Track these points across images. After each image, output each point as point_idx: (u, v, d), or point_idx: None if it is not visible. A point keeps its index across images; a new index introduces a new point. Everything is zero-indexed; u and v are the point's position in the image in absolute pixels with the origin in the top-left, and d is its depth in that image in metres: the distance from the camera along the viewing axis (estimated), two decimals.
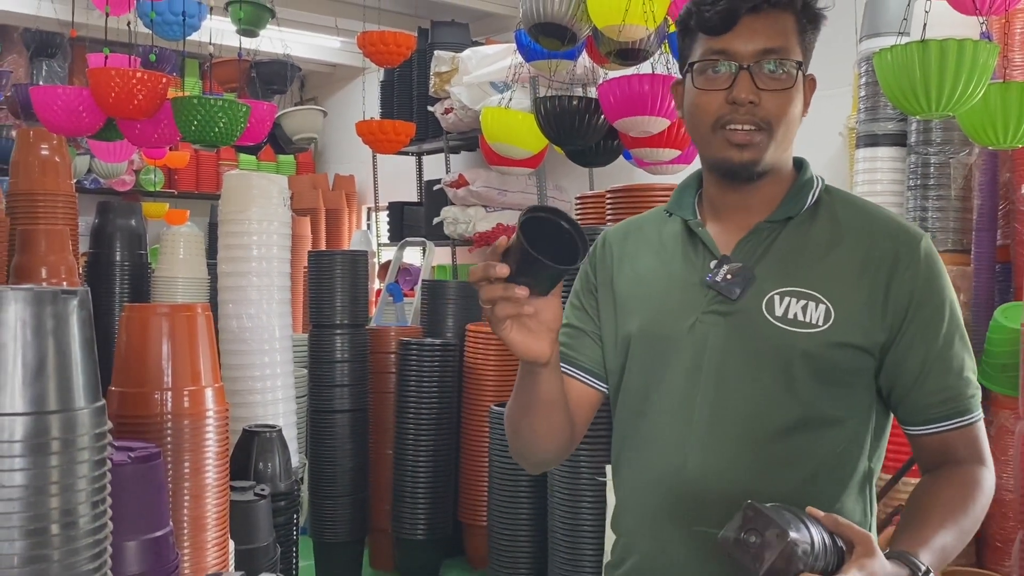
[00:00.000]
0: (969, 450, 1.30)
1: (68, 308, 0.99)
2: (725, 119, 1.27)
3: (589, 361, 1.42)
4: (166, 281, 4.46)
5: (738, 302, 1.29)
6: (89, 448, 1.00)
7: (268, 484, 2.95)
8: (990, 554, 3.64)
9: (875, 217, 1.34)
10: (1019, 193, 3.61)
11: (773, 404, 1.27)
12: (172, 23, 3.80)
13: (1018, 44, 3.73)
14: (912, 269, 1.28)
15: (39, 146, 3.67)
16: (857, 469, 1.32)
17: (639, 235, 1.44)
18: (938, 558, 1.17)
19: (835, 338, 1.26)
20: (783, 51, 1.27)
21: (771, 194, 1.34)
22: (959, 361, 1.30)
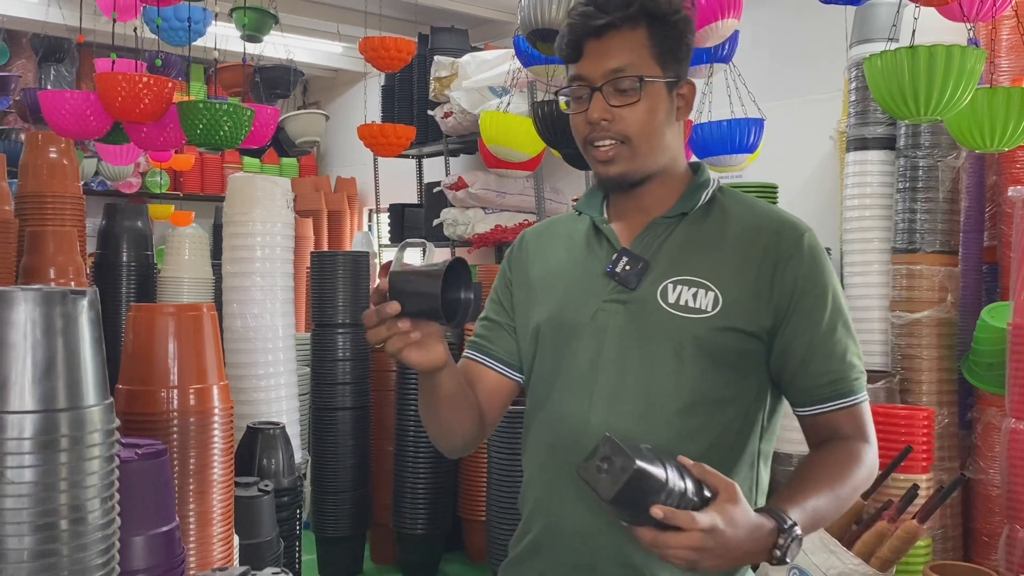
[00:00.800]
0: (853, 428, 1.37)
1: (77, 308, 0.99)
2: (589, 137, 1.37)
3: (503, 352, 1.48)
4: (172, 281, 4.46)
5: (635, 291, 1.37)
6: (98, 445, 0.99)
7: (272, 480, 2.95)
8: (978, 548, 3.65)
9: (763, 213, 1.42)
10: (1005, 196, 3.62)
11: (668, 385, 1.34)
12: (178, 29, 3.80)
13: (1005, 50, 3.74)
14: (796, 260, 1.35)
15: (47, 149, 3.66)
16: (747, 448, 1.38)
17: (552, 232, 1.53)
18: (808, 517, 1.22)
19: (722, 323, 1.33)
20: (629, 68, 1.34)
21: (664, 194, 1.43)
22: (842, 346, 1.36)
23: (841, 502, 1.31)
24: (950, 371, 3.68)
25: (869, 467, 1.35)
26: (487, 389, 1.47)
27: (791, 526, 1.17)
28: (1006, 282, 3.63)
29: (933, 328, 3.64)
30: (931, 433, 3.36)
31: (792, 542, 1.17)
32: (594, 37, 1.35)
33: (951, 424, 3.67)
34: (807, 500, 1.24)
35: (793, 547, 1.17)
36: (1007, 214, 3.65)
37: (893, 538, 2.94)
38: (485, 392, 1.46)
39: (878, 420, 3.34)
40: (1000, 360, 3.35)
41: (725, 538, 1.12)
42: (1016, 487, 3.17)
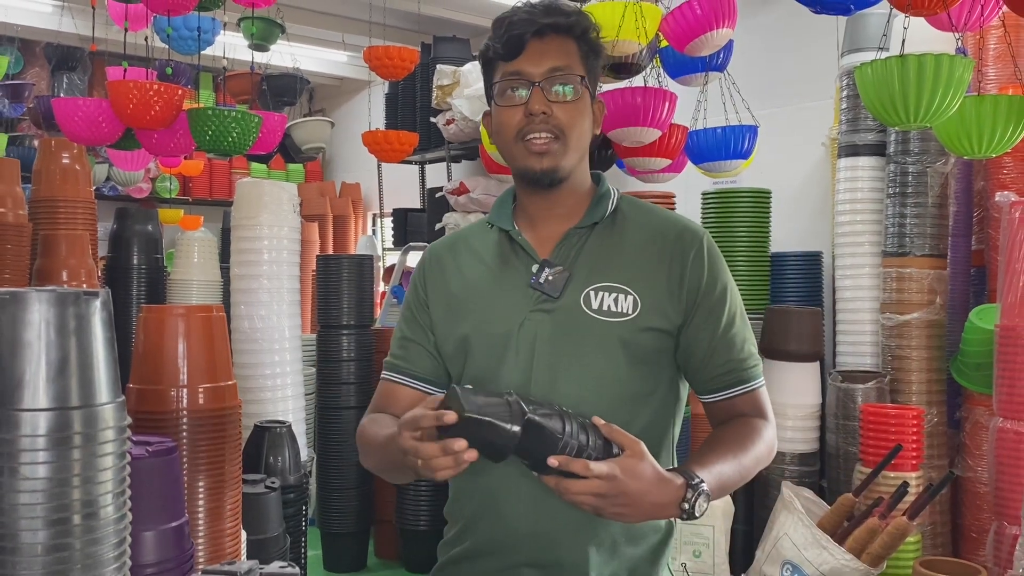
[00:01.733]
0: (753, 410, 1.46)
1: (90, 309, 0.98)
2: (524, 131, 1.40)
3: (422, 370, 1.50)
4: (181, 284, 4.46)
5: (560, 299, 1.41)
6: (110, 442, 0.99)
7: (278, 477, 2.94)
8: (966, 544, 3.65)
9: (664, 219, 1.49)
10: (992, 200, 3.62)
11: (599, 386, 1.39)
12: (187, 38, 3.80)
13: (992, 59, 3.74)
14: (698, 261, 1.43)
15: (60, 155, 3.66)
16: (667, 435, 1.48)
17: (464, 246, 1.54)
18: (715, 479, 1.30)
19: (643, 324, 1.40)
20: (568, 68, 1.40)
21: (574, 203, 1.47)
22: (740, 338, 1.46)
23: (744, 469, 1.38)
24: (939, 371, 3.68)
25: (768, 440, 1.44)
26: (407, 407, 1.43)
27: (698, 483, 1.25)
28: (993, 285, 3.63)
29: (922, 330, 3.64)
30: (920, 432, 3.37)
31: (699, 496, 1.24)
32: (536, 37, 1.39)
33: (940, 423, 3.67)
34: (713, 464, 1.32)
35: (700, 501, 1.24)
36: (994, 218, 3.65)
37: (884, 534, 2.94)
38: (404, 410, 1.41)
39: (868, 419, 3.37)
40: (988, 361, 3.35)
41: (625, 487, 1.19)
42: (1003, 484, 3.16)
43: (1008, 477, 3.15)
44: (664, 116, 3.24)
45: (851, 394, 3.62)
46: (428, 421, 1.19)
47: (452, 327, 1.47)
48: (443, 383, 1.51)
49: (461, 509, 1.51)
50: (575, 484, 1.18)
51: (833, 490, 3.69)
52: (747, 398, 1.46)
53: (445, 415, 1.16)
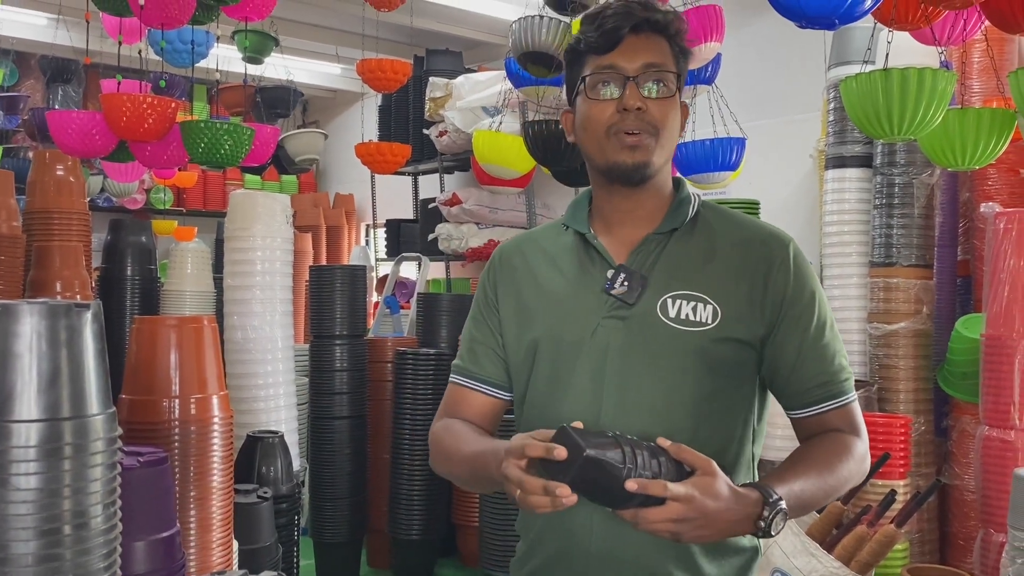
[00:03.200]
0: (846, 426, 1.38)
1: (81, 320, 0.99)
2: (617, 126, 1.34)
3: (492, 374, 1.46)
4: (175, 295, 4.45)
5: (635, 307, 1.35)
6: (100, 453, 1.00)
7: (270, 487, 2.94)
8: (954, 552, 3.65)
9: (747, 226, 1.42)
10: (978, 211, 3.65)
11: (673, 398, 1.33)
12: (181, 51, 3.81)
13: (976, 72, 3.77)
14: (784, 270, 1.37)
15: (55, 167, 3.66)
16: (744, 453, 1.40)
17: (535, 248, 1.48)
18: (795, 497, 1.24)
19: (722, 334, 1.33)
20: (663, 65, 1.36)
21: (654, 207, 1.41)
22: (831, 350, 1.38)
23: (829, 487, 1.31)
24: (926, 380, 3.70)
25: (859, 458, 1.36)
26: (480, 412, 1.45)
27: (776, 500, 1.19)
28: (979, 294, 3.65)
29: (909, 339, 3.66)
30: (908, 440, 3.38)
31: (777, 514, 1.18)
32: (633, 32, 1.34)
33: (927, 431, 3.68)
34: (794, 481, 1.26)
35: (778, 519, 1.18)
36: (979, 229, 3.68)
37: (872, 542, 2.95)
38: (478, 416, 1.45)
39: None
40: (974, 370, 3.37)
41: (704, 508, 1.14)
42: (990, 492, 3.18)
43: (994, 485, 3.16)
44: None
45: None
46: (535, 451, 1.13)
47: (521, 332, 1.42)
48: (511, 389, 1.46)
49: (529, 525, 1.44)
50: (653, 512, 1.12)
51: None
52: (839, 413, 1.37)
53: (556, 450, 1.10)
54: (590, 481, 1.11)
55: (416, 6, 5.06)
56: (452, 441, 1.40)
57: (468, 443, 1.37)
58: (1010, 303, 3.20)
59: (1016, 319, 3.18)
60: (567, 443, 1.11)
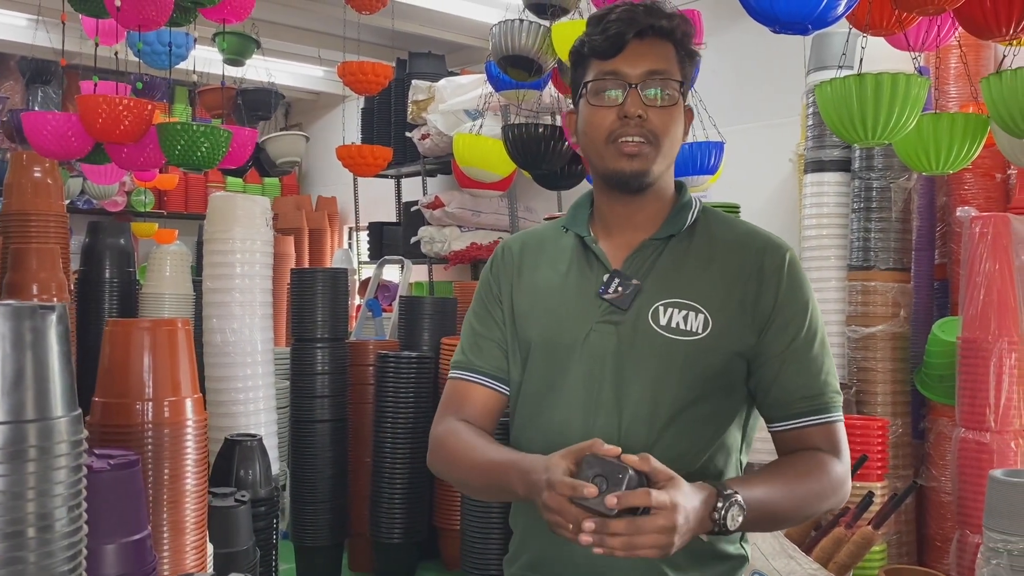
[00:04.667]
0: (827, 445, 1.33)
1: (46, 323, 0.99)
2: (617, 133, 1.33)
3: (495, 367, 1.44)
4: (153, 297, 4.43)
5: (628, 312, 1.34)
6: (65, 455, 0.99)
7: (248, 491, 2.92)
8: (930, 553, 3.68)
9: (745, 233, 1.41)
10: (955, 216, 3.68)
11: (662, 404, 1.32)
12: (161, 53, 3.79)
13: (952, 78, 3.81)
14: (776, 278, 1.35)
15: (32, 169, 3.64)
16: (731, 460, 1.38)
17: (537, 247, 1.48)
18: (755, 502, 1.21)
19: (713, 344, 1.32)
20: (666, 73, 1.34)
21: (655, 212, 1.40)
22: (818, 364, 1.35)
23: (798, 499, 1.28)
24: (903, 383, 3.73)
25: (835, 478, 1.31)
26: (483, 407, 1.43)
27: (730, 493, 1.17)
28: (955, 298, 3.69)
29: (887, 342, 3.69)
30: (885, 442, 3.40)
31: (731, 506, 1.17)
32: (637, 37, 1.33)
33: (905, 434, 3.71)
34: (755, 485, 1.24)
35: (733, 511, 1.17)
36: (956, 233, 3.72)
37: (850, 543, 2.97)
38: (485, 411, 1.43)
39: None
40: (950, 372, 3.40)
41: (687, 511, 1.12)
42: (966, 494, 3.21)
43: (970, 486, 3.19)
44: None
45: None
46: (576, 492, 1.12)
47: (518, 326, 1.42)
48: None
49: (517, 521, 1.46)
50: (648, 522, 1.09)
51: None
52: (820, 431, 1.33)
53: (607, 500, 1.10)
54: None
55: (398, 9, 5.06)
56: (460, 446, 1.38)
57: (482, 451, 1.35)
58: (986, 306, 3.24)
59: (992, 322, 3.22)
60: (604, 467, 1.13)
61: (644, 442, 1.31)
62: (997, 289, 3.23)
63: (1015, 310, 3.23)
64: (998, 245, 3.24)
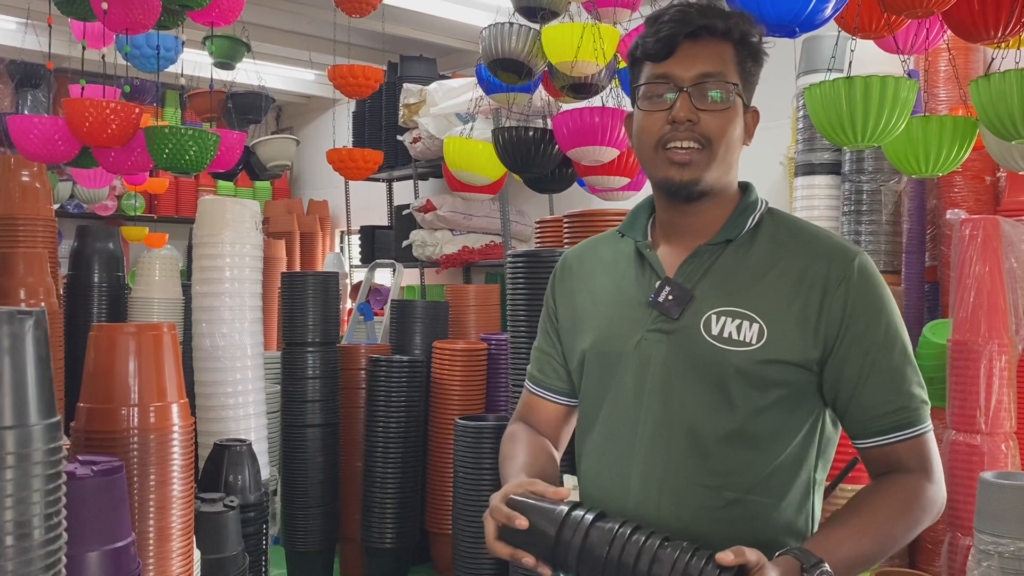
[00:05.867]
0: (915, 462, 1.27)
1: (24, 328, 0.98)
2: (666, 138, 1.28)
3: (558, 382, 1.48)
4: (142, 301, 4.41)
5: (678, 321, 1.29)
6: (43, 463, 0.98)
7: (238, 496, 2.92)
8: (921, 555, 3.68)
9: (813, 238, 1.33)
10: (945, 218, 3.68)
11: (712, 418, 1.27)
12: (150, 56, 3.78)
13: (943, 80, 3.82)
14: (845, 285, 1.27)
15: (20, 173, 3.63)
16: (799, 478, 1.30)
17: (595, 257, 1.46)
18: (842, 558, 1.16)
19: (767, 355, 1.25)
20: (720, 75, 1.29)
21: (715, 216, 1.34)
22: (899, 373, 1.27)
23: (888, 543, 1.22)
24: None
25: (928, 505, 1.25)
26: (550, 419, 1.49)
27: (816, 563, 1.12)
28: (946, 300, 3.69)
29: None
30: None
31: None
32: (689, 38, 1.28)
33: None
34: (842, 542, 1.18)
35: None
36: (946, 236, 3.72)
37: None
38: (548, 422, 1.49)
39: None
40: (941, 375, 3.40)
41: None
42: (957, 496, 3.20)
43: (961, 489, 3.19)
44: (621, 135, 3.27)
45: None
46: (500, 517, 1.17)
47: (574, 341, 1.42)
48: (577, 393, 1.46)
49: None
50: None
51: None
52: (908, 446, 1.26)
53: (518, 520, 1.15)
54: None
55: (388, 12, 5.05)
56: (507, 450, 1.45)
57: (511, 460, 1.41)
58: (976, 309, 3.24)
59: (982, 324, 3.22)
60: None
61: (692, 458, 1.27)
62: (987, 291, 3.23)
63: (1005, 312, 3.24)
64: (988, 248, 3.24)
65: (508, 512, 1.14)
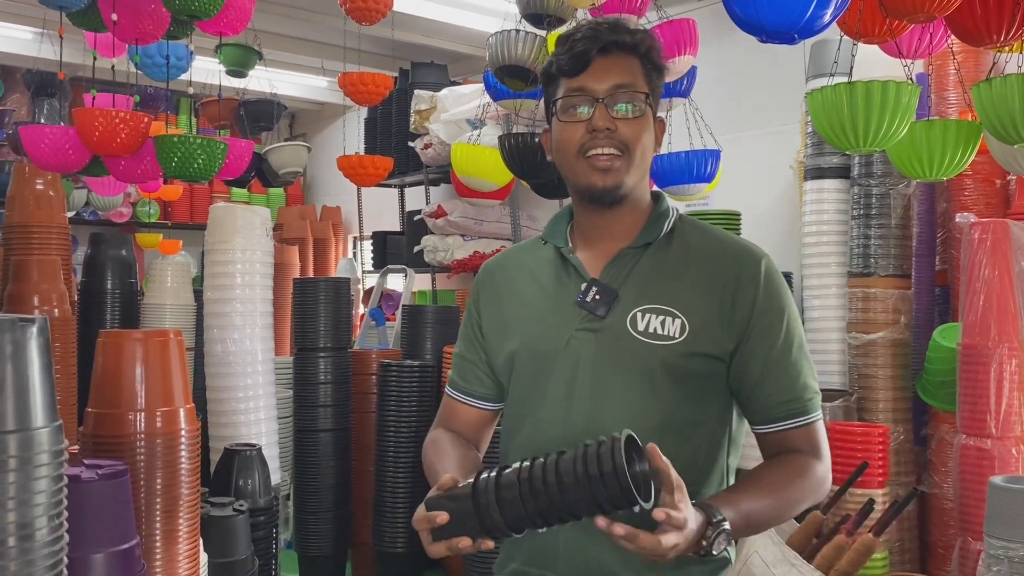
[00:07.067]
0: (807, 446, 1.40)
1: (26, 335, 1.01)
2: (587, 146, 1.38)
3: (478, 389, 1.53)
4: (155, 308, 4.45)
5: (605, 320, 1.39)
6: (45, 465, 1.01)
7: (248, 500, 2.94)
8: (933, 560, 3.67)
9: (721, 240, 1.45)
10: (954, 222, 3.68)
11: (641, 410, 1.36)
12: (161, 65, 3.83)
13: (952, 84, 3.82)
14: (754, 285, 1.39)
15: (34, 181, 3.68)
16: (717, 464, 1.42)
17: (517, 263, 1.54)
18: (742, 519, 1.27)
19: (690, 348, 1.36)
20: (632, 86, 1.38)
21: (631, 222, 1.45)
22: (797, 368, 1.40)
23: (781, 509, 1.35)
24: (905, 389, 3.72)
25: (817, 480, 1.38)
26: (469, 423, 1.54)
27: (720, 520, 1.22)
28: (956, 304, 3.68)
29: (888, 348, 3.68)
30: (886, 449, 3.40)
31: (719, 535, 1.21)
32: (601, 54, 1.38)
33: (906, 440, 3.70)
34: (744, 502, 1.29)
35: (720, 539, 1.21)
36: (956, 239, 3.71)
37: (851, 551, 2.97)
38: (470, 426, 1.54)
39: (835, 437, 3.40)
40: (951, 379, 3.40)
41: (687, 534, 1.18)
42: (968, 500, 3.20)
43: (972, 493, 3.18)
44: None
45: None
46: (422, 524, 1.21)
47: (502, 344, 1.48)
48: (499, 398, 1.53)
49: None
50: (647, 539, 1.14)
51: None
52: (801, 432, 1.40)
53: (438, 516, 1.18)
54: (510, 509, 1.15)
55: (398, 19, 5.09)
56: (433, 455, 1.48)
57: (440, 462, 1.44)
58: (985, 312, 3.23)
59: (992, 328, 3.21)
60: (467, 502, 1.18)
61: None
62: (997, 295, 3.22)
63: (1015, 316, 3.23)
64: (998, 251, 3.24)
65: (426, 515, 1.19)
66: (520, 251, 1.57)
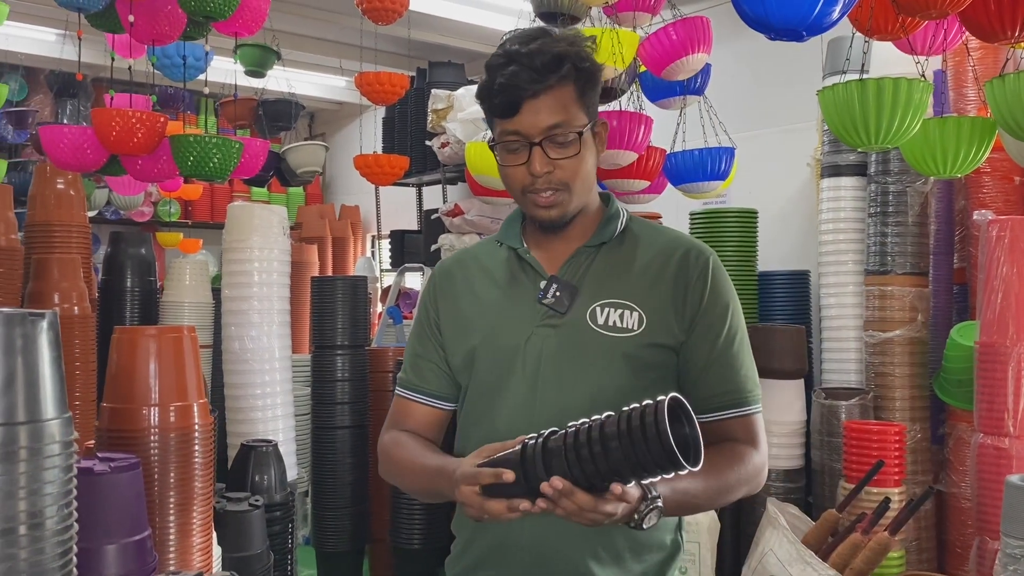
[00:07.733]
0: (745, 435, 1.46)
1: (37, 329, 1.04)
2: (529, 187, 1.43)
3: (434, 387, 1.54)
4: (173, 306, 4.51)
5: (566, 315, 1.44)
6: (55, 456, 1.04)
7: (264, 496, 2.98)
8: (950, 559, 3.65)
9: (671, 239, 1.52)
10: (972, 219, 3.65)
11: (602, 400, 1.39)
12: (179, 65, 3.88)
13: (971, 81, 3.79)
14: (702, 280, 1.46)
15: (55, 180, 3.74)
16: None
17: (474, 263, 1.57)
18: (677, 496, 1.30)
19: (648, 339, 1.43)
20: (566, 123, 1.40)
21: (583, 226, 1.51)
22: (738, 361, 1.46)
23: (716, 492, 1.38)
24: (922, 388, 3.70)
25: (754, 468, 1.43)
26: (424, 423, 1.54)
27: (654, 497, 1.24)
28: (975, 302, 3.65)
29: (905, 347, 3.67)
30: (903, 448, 3.39)
31: (651, 511, 1.24)
32: (531, 97, 1.39)
33: (923, 439, 3.69)
34: (679, 482, 1.30)
35: (651, 515, 1.24)
36: (975, 237, 3.68)
37: (866, 549, 2.96)
38: (424, 427, 1.54)
39: (851, 436, 3.39)
40: (969, 377, 3.37)
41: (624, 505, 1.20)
42: (985, 499, 3.18)
43: (990, 492, 3.16)
44: (640, 139, 3.29)
45: (835, 411, 3.65)
46: (486, 479, 1.21)
47: (461, 341, 1.50)
48: (454, 398, 1.54)
49: (464, 522, 1.53)
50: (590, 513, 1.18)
51: (819, 506, 3.71)
52: (740, 422, 1.45)
53: (504, 474, 1.19)
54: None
55: (414, 19, 5.12)
56: (403, 454, 1.49)
57: (420, 457, 1.46)
58: (1003, 310, 3.20)
59: (1009, 326, 3.19)
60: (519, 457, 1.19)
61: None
62: (1015, 293, 3.19)
63: None
64: (1016, 249, 3.21)
65: (493, 471, 1.20)
66: (476, 251, 1.61)
